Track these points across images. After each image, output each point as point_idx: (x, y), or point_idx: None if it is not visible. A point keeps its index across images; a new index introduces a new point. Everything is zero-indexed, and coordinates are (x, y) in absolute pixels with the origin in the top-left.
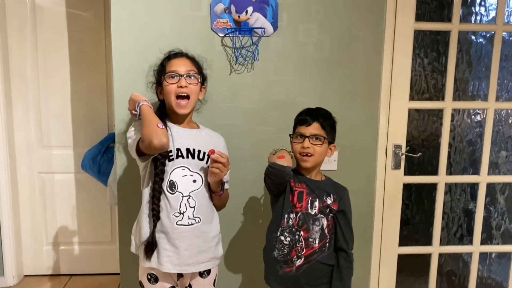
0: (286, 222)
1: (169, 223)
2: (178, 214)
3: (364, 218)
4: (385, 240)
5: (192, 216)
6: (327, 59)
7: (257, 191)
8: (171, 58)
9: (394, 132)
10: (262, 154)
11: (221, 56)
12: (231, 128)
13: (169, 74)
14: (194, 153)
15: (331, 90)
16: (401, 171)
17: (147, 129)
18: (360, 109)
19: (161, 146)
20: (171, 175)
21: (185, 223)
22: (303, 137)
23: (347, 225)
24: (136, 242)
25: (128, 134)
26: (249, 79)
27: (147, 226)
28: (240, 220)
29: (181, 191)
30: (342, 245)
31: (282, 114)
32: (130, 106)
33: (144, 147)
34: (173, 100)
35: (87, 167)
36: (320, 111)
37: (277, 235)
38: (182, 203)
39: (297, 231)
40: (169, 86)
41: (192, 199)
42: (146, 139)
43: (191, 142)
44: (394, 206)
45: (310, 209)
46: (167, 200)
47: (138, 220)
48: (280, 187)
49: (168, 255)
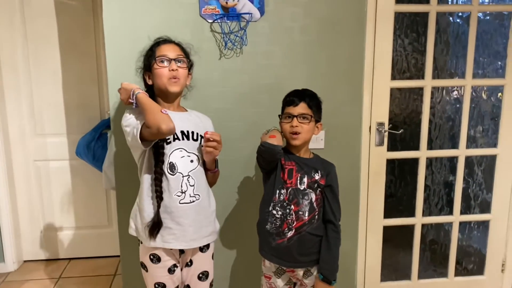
0: (277, 197)
1: (172, 202)
2: (180, 193)
3: (351, 192)
4: (371, 213)
5: (193, 194)
6: (313, 42)
7: (250, 170)
8: (160, 43)
9: (377, 110)
10: (254, 135)
11: (210, 41)
12: (223, 111)
13: (160, 58)
14: (189, 135)
15: (317, 72)
16: (384, 147)
17: (152, 116)
18: (344, 89)
19: (170, 130)
20: (170, 157)
21: (187, 201)
22: (291, 117)
23: (334, 199)
24: (137, 225)
25: (125, 123)
26: (239, 64)
27: (150, 207)
28: (235, 198)
29: (181, 172)
30: (330, 217)
31: (271, 97)
32: (122, 95)
33: (151, 133)
34: (166, 80)
35: (82, 154)
36: (306, 92)
37: (270, 210)
38: (183, 183)
39: (288, 205)
40: (160, 69)
41: (191, 178)
42: (153, 125)
43: (184, 124)
44: (379, 180)
45: (299, 185)
46: (168, 181)
47: (138, 203)
48: (271, 164)
49: (173, 233)
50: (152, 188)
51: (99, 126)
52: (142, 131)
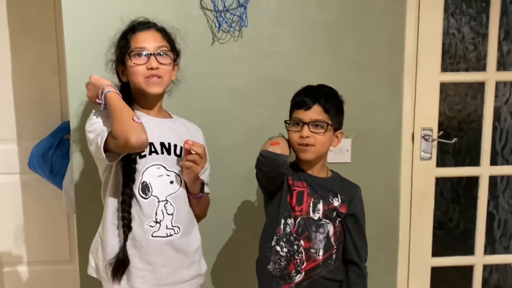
0: (282, 229)
1: (143, 235)
2: (154, 223)
3: (387, 222)
4: (415, 250)
5: (171, 226)
6: (335, 23)
7: (249, 191)
8: (136, 30)
9: (422, 112)
10: (255, 145)
11: (200, 22)
12: (214, 113)
13: (136, 52)
14: (170, 148)
15: (341, 62)
16: (432, 161)
17: (120, 124)
18: (378, 84)
19: (140, 145)
20: (144, 176)
21: (162, 234)
22: (301, 124)
23: (359, 232)
24: (97, 263)
25: (89, 127)
26: (236, 51)
27: (115, 239)
28: (231, 228)
29: (156, 195)
30: (352, 256)
31: (279, 94)
32: (90, 92)
33: (118, 146)
34: (143, 80)
35: (36, 166)
36: (322, 90)
37: (272, 245)
38: (158, 210)
39: (296, 240)
40: (136, 67)
41: (169, 204)
42: (120, 136)
43: (165, 134)
44: (425, 206)
45: (312, 213)
46: (139, 206)
47: (100, 234)
48: (274, 182)
49: (141, 275)
50: (118, 214)
51: (60, 130)
52: (107, 141)
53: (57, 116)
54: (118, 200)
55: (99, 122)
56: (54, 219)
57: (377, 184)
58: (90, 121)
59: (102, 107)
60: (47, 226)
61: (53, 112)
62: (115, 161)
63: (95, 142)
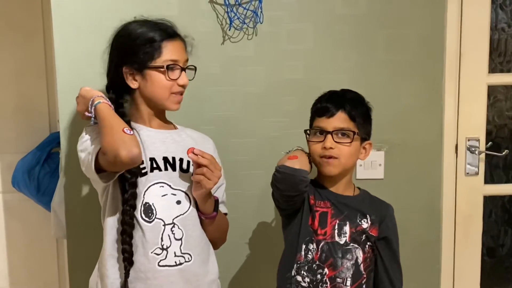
0: (303, 256)
1: (147, 264)
2: (160, 250)
3: (427, 248)
4: (461, 280)
5: (180, 253)
6: (364, 17)
7: (266, 212)
8: (168, 38)
9: (467, 120)
10: (272, 159)
11: (209, 17)
12: (226, 121)
13: (172, 65)
14: (175, 163)
15: (372, 62)
16: (480, 177)
17: (109, 137)
18: (415, 88)
19: (131, 159)
20: (146, 196)
21: (171, 263)
22: (324, 133)
23: (392, 258)
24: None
25: (80, 146)
26: (251, 50)
27: (115, 273)
28: (244, 253)
29: (161, 218)
30: (385, 286)
31: (300, 100)
32: (79, 106)
33: (107, 162)
34: (168, 96)
35: (21, 184)
36: (347, 95)
37: (292, 275)
38: (164, 235)
39: (320, 268)
40: (166, 81)
41: (177, 227)
42: (109, 150)
43: (169, 148)
44: (472, 230)
45: (337, 237)
46: (142, 232)
47: (99, 266)
48: (293, 202)
49: None
50: (118, 245)
51: (48, 143)
52: (98, 159)
53: (45, 127)
54: (117, 229)
55: (89, 139)
56: (41, 244)
57: (414, 204)
58: (81, 139)
59: (93, 121)
60: (33, 253)
61: (40, 121)
62: (110, 180)
63: (86, 161)
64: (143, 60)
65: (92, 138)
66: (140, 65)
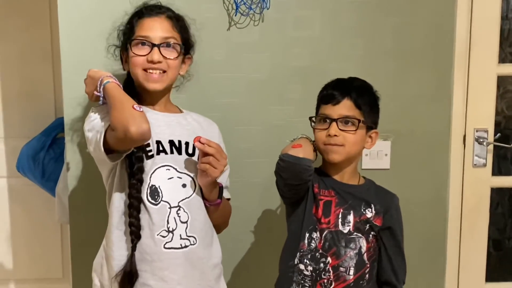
0: (307, 245)
1: (153, 246)
2: (166, 232)
3: (432, 240)
4: (466, 273)
5: (185, 235)
6: (372, 4)
7: (270, 200)
8: (143, 15)
9: (476, 111)
10: (276, 147)
11: (214, 2)
12: (231, 108)
13: (138, 41)
14: (181, 146)
15: (379, 51)
16: (487, 169)
17: (119, 113)
18: (423, 78)
19: (141, 135)
20: (152, 179)
21: (176, 246)
22: (328, 121)
23: (396, 248)
24: (102, 282)
25: (88, 126)
26: (257, 36)
27: (121, 251)
28: (248, 241)
29: (167, 200)
30: (388, 276)
31: (305, 88)
32: (88, 87)
33: (117, 138)
34: (140, 72)
35: (26, 169)
36: (354, 83)
37: (295, 263)
38: (169, 217)
39: (323, 256)
40: (135, 58)
41: (183, 211)
42: (119, 126)
43: (175, 131)
44: (478, 222)
45: (341, 226)
46: (148, 214)
47: (104, 247)
48: (297, 191)
49: None
50: (126, 219)
51: (53, 128)
52: (106, 137)
53: (50, 112)
54: (124, 206)
55: (97, 118)
56: (45, 230)
57: (421, 195)
58: (89, 119)
59: (101, 100)
60: (37, 238)
61: (45, 106)
62: (118, 159)
63: (94, 140)
64: (123, 40)
65: (100, 117)
66: (123, 46)
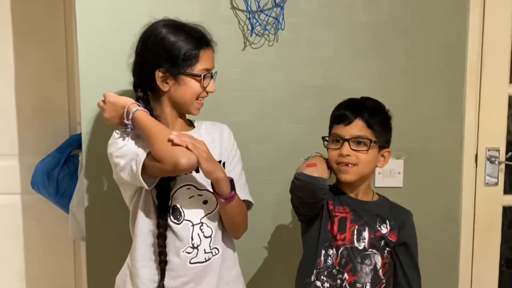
0: (323, 261)
1: (180, 263)
2: (191, 249)
3: (444, 258)
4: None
5: (209, 249)
6: (385, 24)
7: (283, 217)
8: (204, 46)
9: (487, 130)
10: (291, 165)
11: (230, 23)
12: (245, 127)
13: (206, 73)
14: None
15: (392, 70)
16: (499, 188)
17: (162, 146)
18: (435, 96)
19: (191, 166)
20: (173, 199)
21: (201, 260)
22: (341, 141)
23: (411, 264)
24: None
25: (117, 152)
26: (271, 56)
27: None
28: (262, 258)
29: (189, 219)
30: None
31: (319, 106)
32: (108, 112)
33: (163, 170)
34: (194, 102)
35: (40, 185)
36: (366, 103)
37: (312, 280)
38: (193, 234)
39: (339, 273)
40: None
41: (206, 226)
42: (168, 160)
43: None
44: (491, 240)
45: (356, 242)
46: (173, 232)
47: (128, 265)
48: (312, 209)
49: None
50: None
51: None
52: (145, 165)
53: (65, 129)
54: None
55: (128, 145)
56: (58, 246)
57: (433, 213)
58: (116, 145)
59: (130, 128)
60: (50, 255)
61: (60, 124)
62: (153, 185)
63: (128, 169)
64: (181, 66)
65: (131, 144)
66: (176, 70)
